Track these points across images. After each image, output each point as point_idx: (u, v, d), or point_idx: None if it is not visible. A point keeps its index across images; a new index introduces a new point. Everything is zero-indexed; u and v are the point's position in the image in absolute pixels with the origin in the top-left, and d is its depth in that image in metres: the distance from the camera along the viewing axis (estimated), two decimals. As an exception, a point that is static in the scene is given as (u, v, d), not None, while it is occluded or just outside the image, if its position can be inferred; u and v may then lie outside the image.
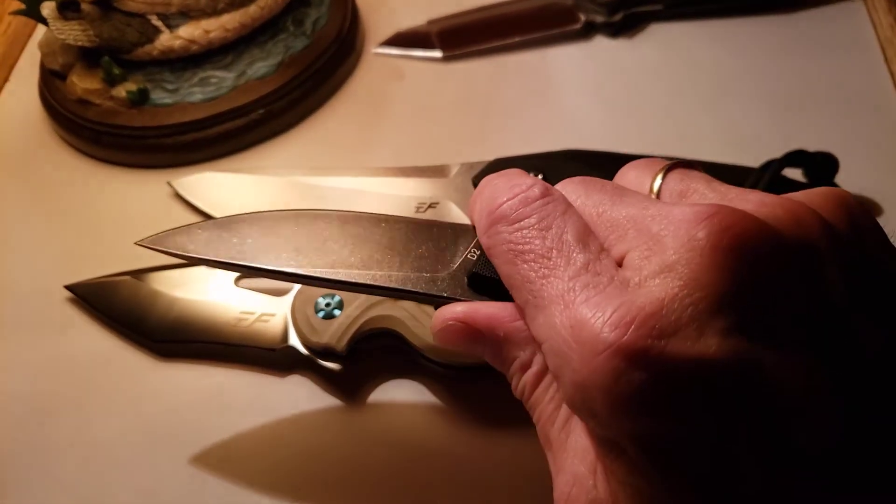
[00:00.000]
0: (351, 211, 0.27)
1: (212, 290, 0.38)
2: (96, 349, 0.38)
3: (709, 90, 0.48)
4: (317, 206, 0.41)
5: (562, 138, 0.45)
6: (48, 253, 0.43)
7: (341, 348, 0.35)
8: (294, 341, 0.36)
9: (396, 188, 0.42)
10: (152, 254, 0.27)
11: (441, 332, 0.24)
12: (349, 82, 0.51)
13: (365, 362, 0.37)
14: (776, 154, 0.40)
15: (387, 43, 0.53)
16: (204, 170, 0.45)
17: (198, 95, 0.46)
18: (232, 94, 0.46)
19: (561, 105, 0.48)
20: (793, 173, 0.40)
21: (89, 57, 0.47)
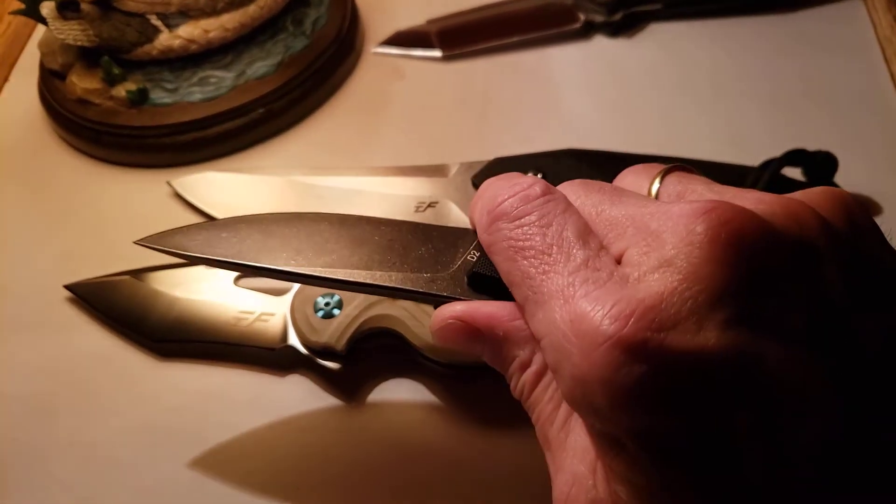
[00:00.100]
0: (351, 214, 0.27)
1: (211, 290, 0.38)
2: (96, 349, 0.38)
3: (708, 89, 0.49)
4: (316, 206, 0.41)
5: (561, 138, 0.45)
6: (48, 253, 0.43)
7: (341, 348, 0.35)
8: (293, 341, 0.36)
9: (396, 188, 0.42)
10: (152, 253, 0.28)
11: (440, 331, 0.24)
12: (349, 82, 0.51)
13: (364, 362, 0.37)
14: (775, 153, 0.40)
15: (386, 42, 0.53)
16: (203, 169, 0.45)
17: (197, 95, 0.46)
18: (231, 94, 0.46)
19: (560, 104, 0.48)
20: (792, 172, 0.40)
21: (89, 57, 0.47)
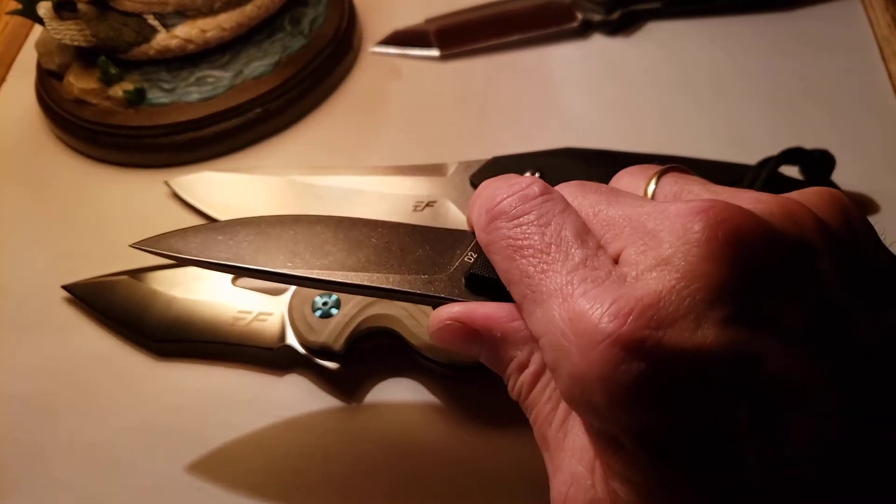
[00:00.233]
0: (348, 216, 0.27)
1: (209, 290, 0.38)
2: (95, 349, 0.38)
3: (706, 88, 0.49)
4: (314, 206, 0.41)
5: (559, 136, 0.45)
6: (45, 253, 0.43)
7: (339, 347, 0.35)
8: (291, 340, 0.36)
9: (394, 187, 0.42)
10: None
11: (438, 332, 0.24)
12: (346, 81, 0.51)
13: (363, 361, 0.37)
14: (773, 151, 0.40)
15: (384, 42, 0.53)
16: (201, 169, 0.45)
17: (194, 95, 0.46)
18: (229, 94, 0.46)
19: (558, 103, 0.48)
20: (790, 171, 0.40)
21: (86, 57, 0.47)
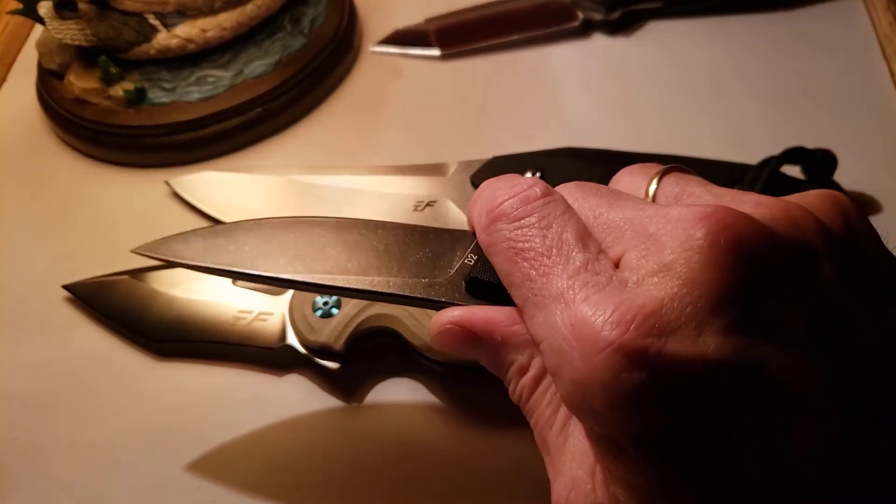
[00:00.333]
0: (348, 218, 0.27)
1: (210, 290, 0.38)
2: (95, 349, 0.38)
3: (707, 87, 0.48)
4: (315, 205, 0.41)
5: (560, 136, 0.45)
6: (46, 253, 0.43)
7: (339, 347, 0.35)
8: (292, 340, 0.36)
9: (394, 187, 0.42)
10: (150, 254, 0.28)
11: (439, 336, 0.24)
12: (347, 81, 0.51)
13: (363, 361, 0.37)
14: (775, 151, 0.40)
15: (384, 41, 0.53)
16: (202, 169, 0.45)
17: (195, 94, 0.46)
18: (229, 93, 0.46)
19: (559, 103, 0.48)
20: (791, 170, 0.40)
21: (86, 56, 0.47)
